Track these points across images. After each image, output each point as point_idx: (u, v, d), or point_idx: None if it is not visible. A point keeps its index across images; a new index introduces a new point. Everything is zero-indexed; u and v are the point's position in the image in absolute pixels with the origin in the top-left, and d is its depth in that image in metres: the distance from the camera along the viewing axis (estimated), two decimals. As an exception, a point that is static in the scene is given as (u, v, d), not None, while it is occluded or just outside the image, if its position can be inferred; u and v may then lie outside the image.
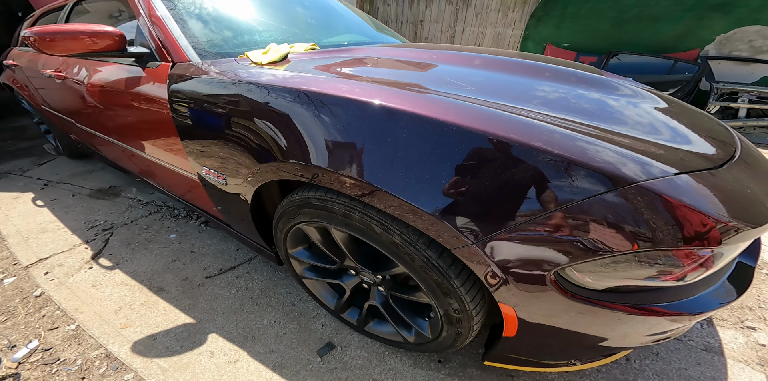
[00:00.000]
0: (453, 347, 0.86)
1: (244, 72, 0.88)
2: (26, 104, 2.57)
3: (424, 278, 0.72)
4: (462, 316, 0.73)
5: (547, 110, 0.69)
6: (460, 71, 0.95)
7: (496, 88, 0.80)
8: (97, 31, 1.00)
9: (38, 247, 1.61)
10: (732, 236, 0.52)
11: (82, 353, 1.10)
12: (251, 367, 1.06)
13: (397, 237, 0.69)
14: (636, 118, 0.77)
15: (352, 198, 0.74)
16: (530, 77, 0.93)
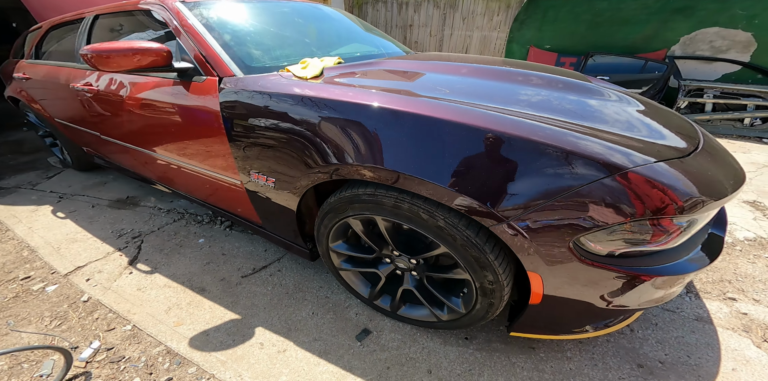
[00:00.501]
0: (484, 319, 1.01)
1: (298, 87, 1.00)
2: (33, 117, 2.57)
3: (463, 255, 0.86)
4: (495, 287, 0.88)
5: (546, 113, 0.86)
6: (476, 83, 1.10)
7: (507, 97, 0.95)
8: (147, 48, 1.09)
9: (72, 257, 1.67)
10: (701, 208, 0.70)
11: (144, 351, 1.20)
12: (299, 354, 1.18)
13: (442, 221, 0.84)
14: (616, 116, 0.94)
15: (401, 191, 0.87)
16: (527, 85, 1.09)
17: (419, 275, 1.10)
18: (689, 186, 0.70)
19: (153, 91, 1.31)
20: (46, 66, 2.00)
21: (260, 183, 1.17)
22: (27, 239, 1.81)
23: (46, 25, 2.12)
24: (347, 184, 1.02)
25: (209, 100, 1.13)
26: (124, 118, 1.50)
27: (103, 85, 1.54)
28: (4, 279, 1.54)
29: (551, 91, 1.07)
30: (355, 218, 1.03)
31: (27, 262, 1.65)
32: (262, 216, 1.37)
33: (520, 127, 0.75)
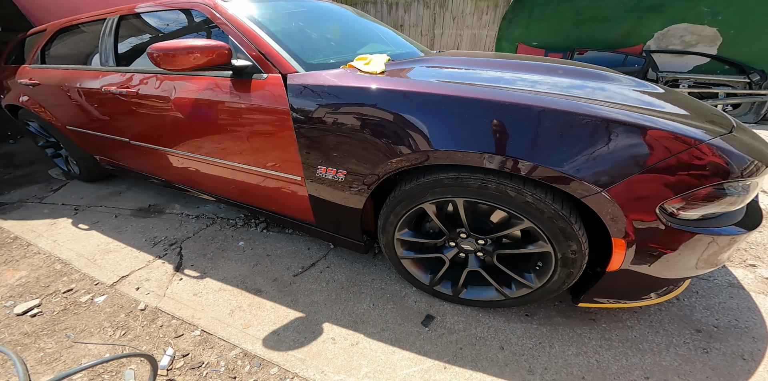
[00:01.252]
0: (557, 292, 1.08)
1: (378, 81, 1.02)
2: (35, 126, 2.42)
3: (549, 227, 0.93)
4: (577, 256, 0.96)
5: (614, 100, 0.95)
6: (537, 77, 1.17)
7: (569, 89, 1.03)
8: (211, 45, 1.09)
9: (112, 267, 1.61)
10: (760, 172, 0.82)
11: (220, 355, 1.19)
12: (372, 345, 1.21)
13: (529, 197, 0.90)
14: (666, 102, 1.04)
15: (487, 172, 0.93)
16: (580, 78, 1.18)
17: (487, 255, 1.16)
18: (747, 154, 0.81)
19: (206, 90, 1.29)
20: (62, 70, 1.89)
21: (328, 177, 1.18)
22: (55, 252, 1.73)
23: (53, 28, 2.00)
24: (422, 171, 1.05)
25: (275, 96, 1.14)
26: (168, 120, 1.46)
27: (145, 87, 1.48)
28: (44, 293, 1.47)
29: (604, 83, 1.17)
30: (432, 203, 1.07)
31: (63, 275, 1.58)
32: (318, 212, 1.39)
33: (610, 112, 0.82)
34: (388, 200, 1.17)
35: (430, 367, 1.12)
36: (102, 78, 1.66)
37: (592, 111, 0.82)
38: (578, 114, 0.82)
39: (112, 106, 1.66)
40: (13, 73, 2.26)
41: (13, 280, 1.55)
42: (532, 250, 1.03)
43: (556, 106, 0.84)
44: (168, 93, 1.40)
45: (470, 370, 1.09)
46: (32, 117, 2.27)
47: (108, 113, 1.72)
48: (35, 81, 2.01)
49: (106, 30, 1.69)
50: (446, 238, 1.19)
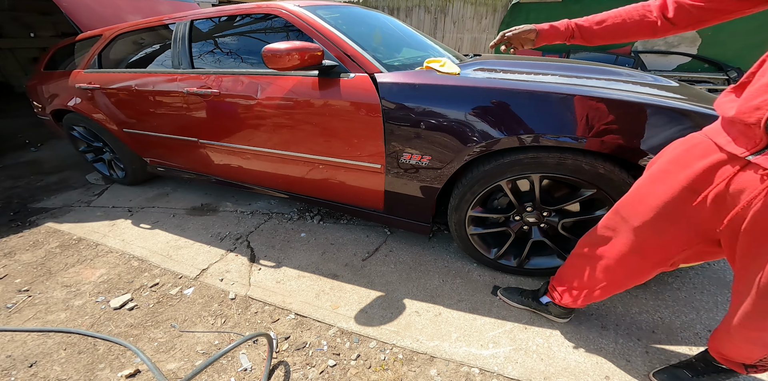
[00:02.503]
0: None
1: (462, 80, 1.15)
2: (81, 131, 2.41)
3: (618, 193, 1.06)
4: None
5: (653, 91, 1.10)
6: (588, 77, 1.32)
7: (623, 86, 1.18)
8: (311, 47, 1.19)
9: (189, 261, 1.67)
10: None
11: (319, 335, 1.26)
12: (454, 314, 1.33)
13: (601, 169, 1.05)
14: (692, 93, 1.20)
15: (564, 150, 1.06)
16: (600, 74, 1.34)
17: (550, 225, 1.30)
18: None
19: (294, 89, 1.36)
20: (127, 74, 1.90)
21: (412, 162, 1.29)
22: (127, 250, 1.77)
23: (110, 34, 2.00)
24: (501, 153, 1.17)
25: (365, 93, 1.24)
26: (251, 118, 1.52)
27: (228, 88, 1.53)
28: (131, 288, 1.52)
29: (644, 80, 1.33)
30: (509, 180, 1.19)
31: (143, 270, 1.63)
32: (391, 198, 1.48)
33: (670, 103, 0.97)
34: (463, 180, 1.27)
35: (511, 328, 1.24)
36: (179, 80, 1.69)
37: (656, 102, 0.98)
38: (648, 105, 0.97)
39: (187, 107, 1.69)
40: (59, 78, 2.26)
41: (95, 278, 1.59)
42: (600, 214, 1.17)
43: (633, 99, 0.99)
44: (253, 92, 1.46)
45: (549, 329, 1.22)
46: (82, 121, 2.26)
47: (180, 114, 1.75)
48: (95, 84, 2.03)
49: (178, 34, 1.72)
50: (515, 212, 1.32)
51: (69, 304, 1.44)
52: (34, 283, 1.57)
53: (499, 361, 1.12)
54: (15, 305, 1.44)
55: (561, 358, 1.11)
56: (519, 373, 1.08)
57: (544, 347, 1.16)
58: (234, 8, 1.58)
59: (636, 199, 0.81)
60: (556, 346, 1.16)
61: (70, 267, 1.67)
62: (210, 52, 1.68)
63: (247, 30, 1.60)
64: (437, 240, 1.78)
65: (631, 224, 0.82)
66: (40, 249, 1.82)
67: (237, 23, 1.62)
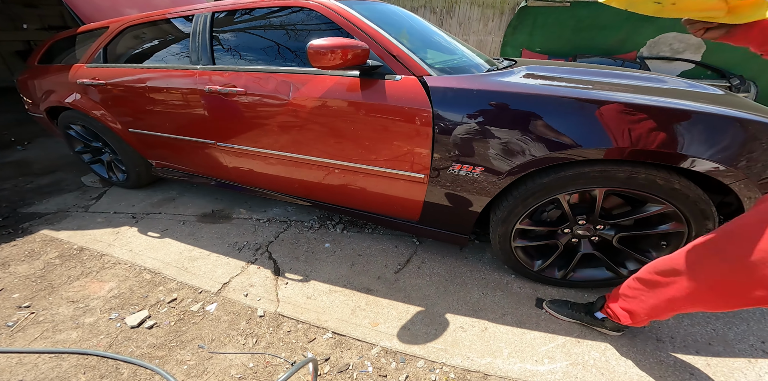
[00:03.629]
0: None
1: (528, 87, 1.10)
2: (78, 130, 2.26)
3: (692, 209, 1.04)
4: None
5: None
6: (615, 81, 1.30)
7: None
8: (357, 44, 1.11)
9: (207, 274, 1.57)
10: None
11: (361, 355, 1.19)
12: (501, 329, 1.28)
13: (677, 184, 1.01)
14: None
15: (635, 164, 1.02)
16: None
17: (603, 239, 1.27)
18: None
19: (332, 90, 1.28)
20: (138, 69, 1.77)
21: (461, 173, 1.22)
22: (137, 262, 1.65)
23: (117, 26, 1.87)
24: (562, 165, 1.11)
25: (415, 98, 1.16)
26: (280, 120, 1.43)
27: (255, 87, 1.43)
28: (146, 304, 1.41)
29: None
30: (569, 193, 1.15)
31: (157, 284, 1.52)
32: (430, 209, 1.42)
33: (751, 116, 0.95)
34: (515, 193, 1.22)
35: (564, 342, 1.20)
36: (198, 77, 1.57)
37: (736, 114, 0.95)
38: (730, 118, 0.94)
39: (206, 106, 1.58)
40: (56, 72, 2.11)
41: (104, 292, 1.48)
42: (663, 230, 1.14)
43: (711, 111, 0.96)
44: (285, 92, 1.37)
45: (603, 342, 1.19)
46: (81, 119, 2.11)
47: (197, 114, 1.63)
48: (99, 80, 1.88)
49: (198, 27, 1.61)
50: (567, 224, 1.28)
51: (79, 322, 1.32)
52: (35, 299, 1.44)
53: (558, 377, 1.08)
54: (17, 323, 1.32)
55: (622, 372, 1.08)
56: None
57: (602, 361, 1.12)
58: (262, 1, 1.49)
59: (740, 236, 0.78)
60: (614, 360, 1.12)
61: (75, 280, 1.55)
62: (233, 48, 1.58)
63: (275, 25, 1.50)
64: (469, 250, 1.73)
65: (728, 258, 0.78)
66: (38, 260, 1.69)
67: (264, 17, 1.52)
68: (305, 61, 1.41)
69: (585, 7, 4.23)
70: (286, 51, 1.47)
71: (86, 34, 2.06)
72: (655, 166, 1.03)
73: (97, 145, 2.30)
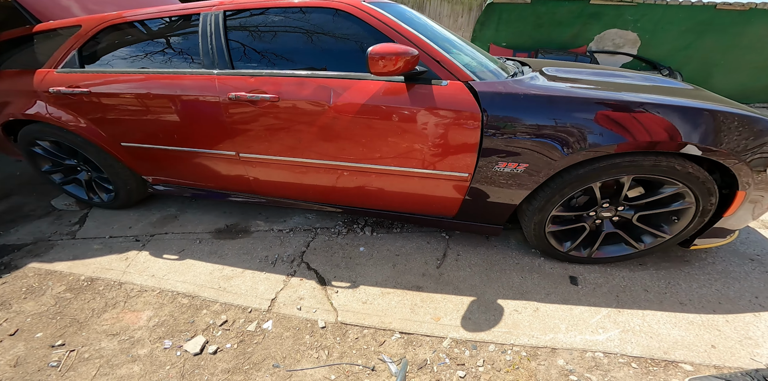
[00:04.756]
0: (682, 239, 1.47)
1: (569, 91, 1.25)
2: (48, 147, 1.99)
3: (700, 188, 1.26)
4: (711, 208, 1.33)
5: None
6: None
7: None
8: (409, 51, 1.15)
9: (250, 292, 1.53)
10: None
11: (434, 349, 1.27)
12: (550, 307, 1.43)
13: (690, 168, 1.23)
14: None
15: (658, 154, 1.22)
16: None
17: (623, 218, 1.48)
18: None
19: (377, 95, 1.31)
20: (133, 75, 1.60)
21: (506, 170, 1.34)
22: (166, 287, 1.55)
23: (93, 24, 1.66)
24: (597, 158, 1.27)
25: (463, 102, 1.25)
26: (319, 128, 1.41)
27: (289, 93, 1.39)
28: (197, 329, 1.35)
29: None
30: (602, 181, 1.33)
31: (199, 308, 1.45)
32: (470, 204, 1.53)
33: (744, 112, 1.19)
34: (552, 184, 1.36)
35: (608, 313, 1.40)
36: (217, 83, 1.47)
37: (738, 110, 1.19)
38: (731, 113, 1.17)
39: (228, 115, 1.50)
40: (11, 79, 1.82)
41: (144, 322, 1.38)
42: (676, 207, 1.37)
43: (717, 108, 1.18)
44: (324, 98, 1.36)
45: (639, 310, 1.40)
46: (53, 134, 1.85)
47: (216, 124, 1.54)
48: (81, 88, 1.67)
49: (208, 28, 1.50)
50: (595, 209, 1.47)
51: (133, 355, 1.23)
52: (65, 336, 1.31)
53: (616, 343, 1.27)
54: (61, 363, 1.20)
55: (666, 334, 1.29)
56: (640, 351, 1.23)
57: (646, 326, 1.33)
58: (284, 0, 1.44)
59: None
60: (655, 324, 1.34)
61: (102, 312, 1.42)
62: (255, 51, 1.51)
63: (298, 26, 1.46)
64: (495, 239, 1.88)
65: None
66: (43, 296, 1.51)
67: (285, 17, 1.47)
68: (340, 64, 1.42)
69: (543, 4, 4.63)
70: (315, 54, 1.46)
71: (46, 34, 1.81)
72: (673, 155, 1.24)
73: (71, 162, 2.06)
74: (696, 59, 5.12)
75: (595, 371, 1.17)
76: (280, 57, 1.49)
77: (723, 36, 4.92)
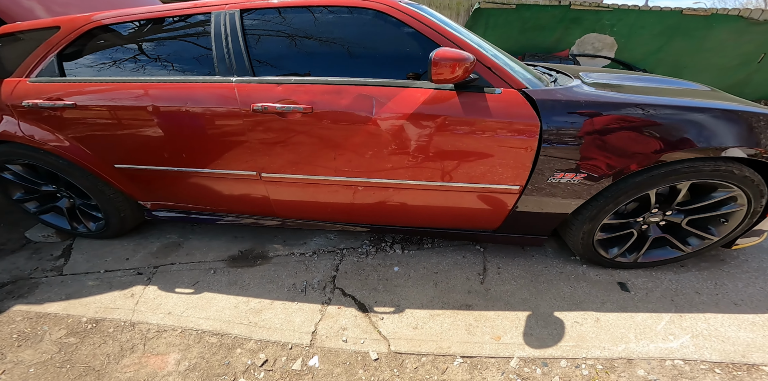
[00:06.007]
0: (727, 240, 1.50)
1: (629, 98, 1.25)
2: (20, 172, 1.74)
3: (753, 191, 1.30)
4: (761, 209, 1.37)
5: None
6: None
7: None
8: (467, 57, 1.10)
9: (285, 326, 1.39)
10: None
11: (502, 370, 1.21)
12: (610, 317, 1.40)
13: (746, 172, 1.26)
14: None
15: (717, 159, 1.24)
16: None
17: (670, 222, 1.50)
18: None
19: (427, 104, 1.24)
20: (132, 84, 1.42)
21: (563, 181, 1.31)
22: (188, 325, 1.38)
23: (76, 26, 1.48)
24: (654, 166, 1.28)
25: (521, 111, 1.21)
26: (357, 141, 1.32)
27: (323, 103, 1.28)
28: (235, 371, 1.20)
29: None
30: (657, 188, 1.33)
31: (232, 347, 1.30)
32: (516, 217, 1.49)
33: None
34: (606, 193, 1.35)
35: (671, 318, 1.39)
36: (238, 92, 1.33)
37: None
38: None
39: (250, 129, 1.36)
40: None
41: (172, 367, 1.21)
42: (727, 210, 1.40)
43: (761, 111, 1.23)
44: (366, 108, 1.27)
45: (697, 313, 1.41)
46: (27, 156, 1.62)
47: (235, 139, 1.41)
48: (64, 101, 1.46)
49: (223, 29, 1.37)
50: (643, 214, 1.48)
51: None
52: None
53: (691, 349, 1.26)
54: None
55: (735, 336, 1.30)
56: (719, 357, 1.22)
57: (713, 330, 1.33)
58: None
59: None
60: (720, 327, 1.34)
61: (120, 358, 1.24)
62: (275, 55, 1.40)
63: (326, 28, 1.37)
64: (530, 248, 1.85)
65: None
66: (41, 342, 1.31)
67: (311, 18, 1.37)
68: (375, 71, 1.35)
69: (528, 9, 4.83)
70: (346, 59, 1.38)
71: (12, 37, 1.60)
72: (731, 159, 1.26)
73: (48, 188, 1.83)
74: (667, 61, 5.51)
75: (680, 379, 1.15)
76: (305, 63, 1.40)
77: (690, 40, 5.33)
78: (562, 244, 1.86)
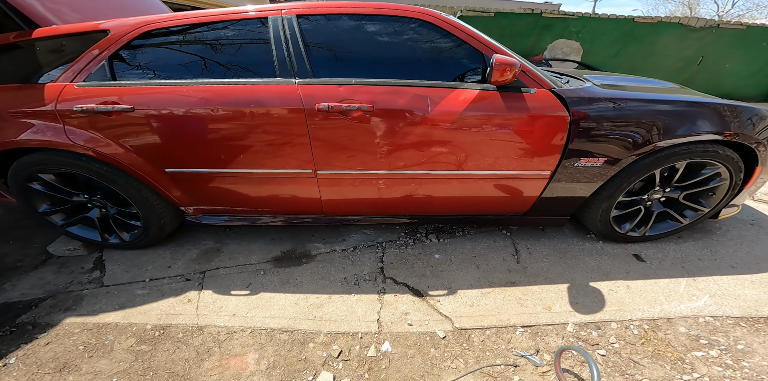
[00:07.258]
0: (716, 211, 1.73)
1: (636, 95, 1.45)
2: (53, 181, 1.65)
3: (733, 166, 1.54)
4: (740, 182, 1.62)
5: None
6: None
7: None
8: (517, 62, 1.26)
9: (350, 317, 1.43)
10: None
11: (561, 335, 1.33)
12: (639, 283, 1.58)
13: (728, 152, 1.50)
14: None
15: (705, 142, 1.46)
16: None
17: (670, 197, 1.72)
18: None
19: (475, 103, 1.38)
20: (195, 87, 1.42)
21: (588, 165, 1.48)
22: (255, 325, 1.38)
23: (129, 29, 1.46)
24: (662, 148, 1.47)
25: (553, 107, 1.38)
26: (412, 137, 1.42)
27: (386, 102, 1.37)
28: (314, 365, 1.23)
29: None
30: (661, 168, 1.54)
31: (304, 342, 1.32)
32: (544, 200, 1.65)
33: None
34: (621, 174, 1.54)
35: (687, 282, 1.58)
36: (302, 94, 1.37)
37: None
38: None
39: (313, 128, 1.41)
40: (6, 95, 1.51)
41: (253, 366, 1.22)
42: (715, 184, 1.63)
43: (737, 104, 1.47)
44: (422, 107, 1.37)
45: (706, 276, 1.61)
46: (67, 164, 1.56)
47: (295, 138, 1.44)
48: (123, 105, 1.41)
49: (281, 33, 1.41)
50: (650, 192, 1.69)
51: None
52: None
53: (714, 308, 1.44)
54: None
55: (743, 294, 1.50)
56: (739, 312, 1.41)
57: (724, 290, 1.53)
58: (369, 6, 1.45)
59: None
60: (728, 287, 1.55)
61: (200, 362, 1.23)
62: (332, 58, 1.47)
63: (378, 34, 1.47)
64: (549, 230, 2.02)
65: None
66: (113, 351, 1.27)
67: (365, 25, 1.47)
68: (423, 73, 1.46)
69: (505, 17, 5.16)
70: (396, 63, 1.49)
71: (52, 41, 1.56)
72: (716, 142, 1.48)
73: (80, 198, 1.76)
74: (624, 65, 6.06)
75: (717, 333, 1.32)
76: (358, 65, 1.48)
77: (641, 45, 5.91)
78: (576, 226, 2.04)
